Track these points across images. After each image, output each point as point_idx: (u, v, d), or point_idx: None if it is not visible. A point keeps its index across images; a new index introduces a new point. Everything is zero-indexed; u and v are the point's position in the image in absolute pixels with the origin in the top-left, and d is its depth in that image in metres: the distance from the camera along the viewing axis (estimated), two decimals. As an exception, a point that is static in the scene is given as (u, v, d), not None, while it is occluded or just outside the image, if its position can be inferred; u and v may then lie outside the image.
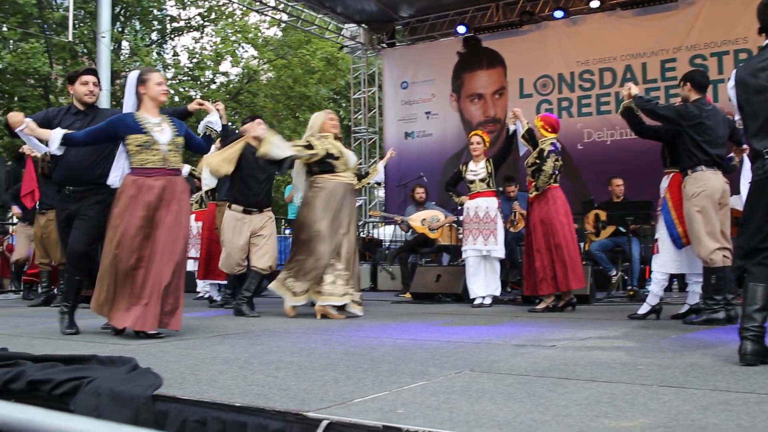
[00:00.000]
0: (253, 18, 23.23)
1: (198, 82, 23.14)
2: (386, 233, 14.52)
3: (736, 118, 5.25)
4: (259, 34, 23.81)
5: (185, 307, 4.89)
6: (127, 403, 2.59)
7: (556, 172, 6.82)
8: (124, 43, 21.42)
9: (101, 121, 4.92)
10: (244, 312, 6.39)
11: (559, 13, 12.78)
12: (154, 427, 2.49)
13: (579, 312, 6.74)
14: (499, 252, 7.44)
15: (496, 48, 13.54)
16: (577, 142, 12.37)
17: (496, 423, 2.20)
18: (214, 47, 22.80)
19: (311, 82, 23.46)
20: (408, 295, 8.97)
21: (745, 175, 5.63)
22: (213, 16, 22.93)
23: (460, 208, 7.86)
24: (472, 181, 7.53)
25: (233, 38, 22.81)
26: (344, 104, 23.23)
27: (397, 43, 15.50)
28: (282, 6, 15.04)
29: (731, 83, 3.82)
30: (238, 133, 6.91)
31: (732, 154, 5.85)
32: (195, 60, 22.90)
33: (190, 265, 8.30)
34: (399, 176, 13.42)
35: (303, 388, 2.75)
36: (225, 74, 24.24)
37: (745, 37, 10.97)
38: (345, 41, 16.02)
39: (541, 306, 6.85)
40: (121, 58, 20.66)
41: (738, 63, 10.64)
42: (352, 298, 6.30)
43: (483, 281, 7.43)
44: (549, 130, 6.92)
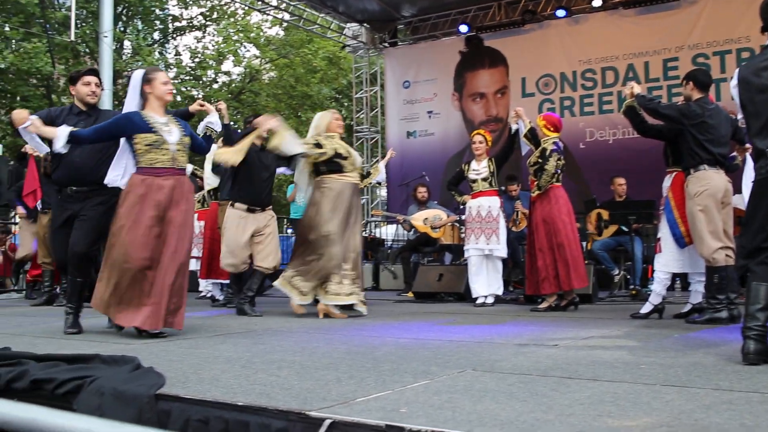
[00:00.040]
0: (255, 17, 23.26)
1: (200, 82, 23.16)
2: (388, 232, 14.54)
3: (738, 117, 5.24)
4: (261, 33, 23.81)
5: (188, 307, 4.90)
6: (130, 403, 2.60)
7: (559, 171, 6.82)
8: (126, 42, 21.44)
9: (104, 121, 4.91)
10: (247, 311, 6.39)
11: (561, 12, 12.76)
12: (157, 426, 2.50)
13: (581, 311, 6.73)
14: (502, 251, 7.44)
15: (498, 47, 13.53)
16: (580, 142, 12.37)
17: (499, 422, 2.20)
18: (216, 47, 22.81)
19: (313, 82, 23.46)
20: (410, 295, 8.97)
21: (748, 174, 5.62)
22: (215, 15, 22.94)
23: (462, 207, 7.86)
24: (474, 181, 7.53)
25: (235, 38, 22.82)
26: (346, 103, 23.22)
27: (399, 43, 15.49)
28: (284, 5, 15.04)
29: (734, 82, 3.81)
30: (248, 127, 6.83)
31: (734, 153, 5.84)
32: (197, 59, 22.92)
33: (193, 265, 8.26)
34: (401, 175, 13.43)
35: (305, 388, 2.75)
36: (227, 74, 24.28)
37: (748, 36, 10.98)
38: (347, 40, 16.04)
39: (543, 305, 6.85)
40: (123, 57, 20.66)
41: (740, 62, 10.62)
42: (358, 298, 6.31)
43: (485, 280, 7.43)
44: (551, 129, 6.92)
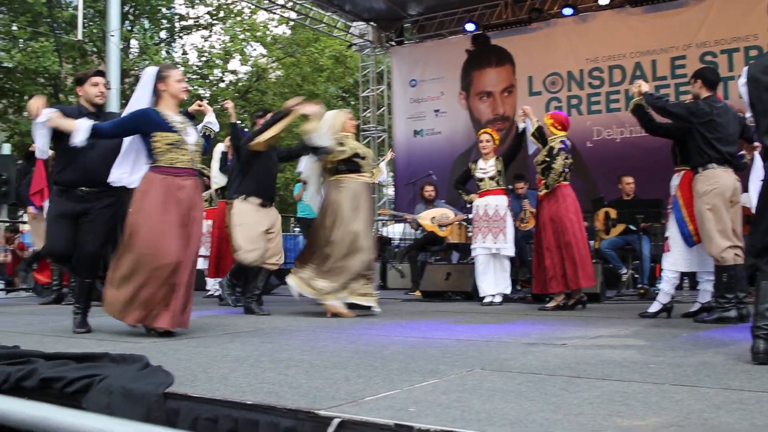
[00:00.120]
0: (261, 16, 23.25)
1: (207, 81, 23.17)
2: (395, 231, 14.52)
3: (747, 116, 5.21)
4: (267, 32, 23.80)
5: (196, 306, 4.91)
6: (138, 401, 2.60)
7: (566, 170, 6.80)
8: (133, 41, 21.45)
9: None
10: (254, 310, 6.39)
11: (568, 11, 12.70)
12: (165, 425, 2.50)
13: (589, 310, 6.72)
14: (509, 250, 7.43)
15: (505, 46, 13.49)
16: (587, 140, 12.32)
17: (508, 421, 2.20)
18: (223, 46, 22.82)
19: (320, 81, 23.47)
20: (418, 294, 8.97)
21: (755, 172, 5.60)
22: (221, 14, 22.91)
23: (470, 206, 7.85)
24: (481, 179, 7.52)
25: (242, 36, 22.80)
26: (353, 102, 23.21)
27: (406, 41, 15.46)
28: (290, 4, 15.03)
29: (742, 80, 3.80)
30: (281, 111, 6.61)
31: (743, 152, 5.82)
32: (204, 58, 22.92)
33: (200, 264, 8.29)
34: (408, 174, 13.43)
35: (314, 386, 2.76)
36: (234, 72, 24.28)
37: (756, 34, 10.93)
38: (353, 39, 16.02)
39: (551, 304, 6.84)
40: (130, 56, 20.70)
41: (748, 60, 10.58)
42: (376, 297, 6.37)
43: (493, 279, 7.43)
44: (559, 127, 6.91)
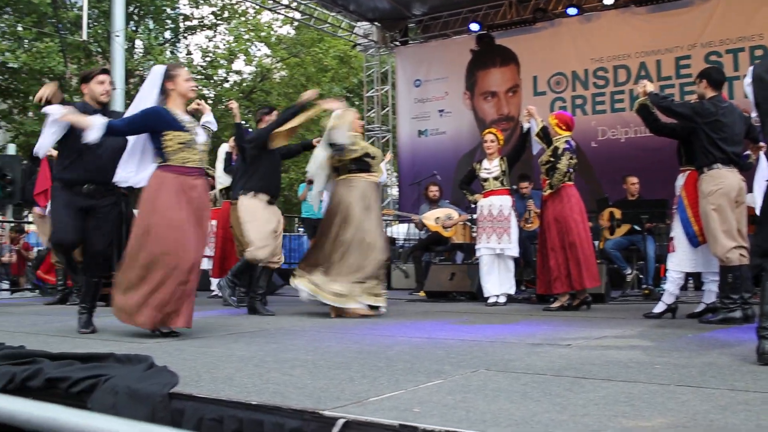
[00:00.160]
0: (266, 16, 23.25)
1: (211, 81, 23.18)
2: (400, 231, 14.54)
3: (752, 116, 5.20)
4: (272, 32, 23.80)
5: (200, 306, 4.91)
6: (143, 401, 2.61)
7: (571, 170, 6.79)
8: (138, 42, 21.48)
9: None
10: (259, 309, 6.38)
11: (572, 10, 12.68)
12: (170, 425, 2.50)
13: (594, 311, 6.71)
14: (513, 250, 7.42)
15: (510, 45, 13.49)
16: (591, 140, 12.31)
17: (513, 422, 2.19)
18: (228, 46, 22.83)
19: (324, 81, 23.47)
20: (422, 294, 8.96)
21: (760, 172, 5.59)
22: (226, 14, 22.93)
23: (474, 206, 7.85)
24: (485, 179, 7.51)
25: (246, 37, 22.81)
26: (357, 102, 23.19)
27: (410, 41, 15.47)
28: (295, 4, 15.05)
29: (748, 80, 3.79)
30: (297, 104, 6.59)
31: (748, 152, 5.80)
32: (208, 59, 22.94)
33: (205, 264, 8.29)
34: (412, 174, 13.43)
35: (319, 387, 2.76)
36: (238, 73, 24.29)
37: (761, 34, 10.92)
38: (358, 39, 16.03)
39: (555, 304, 6.83)
40: (135, 57, 20.72)
41: (753, 60, 10.55)
42: (384, 297, 6.41)
43: (497, 280, 7.42)
44: (563, 127, 6.90)
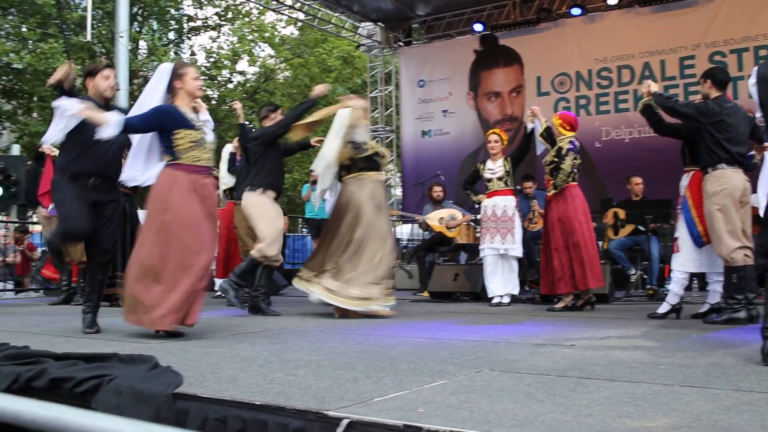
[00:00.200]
0: (269, 17, 23.28)
1: (215, 82, 23.21)
2: (403, 232, 14.52)
3: (757, 116, 5.20)
4: (275, 33, 23.83)
5: (204, 306, 4.90)
6: (147, 401, 2.61)
7: (575, 170, 6.79)
8: (142, 42, 21.52)
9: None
10: (263, 309, 6.37)
11: (576, 11, 12.64)
12: (175, 425, 2.51)
13: (598, 311, 6.70)
14: (517, 251, 7.42)
15: (513, 46, 13.46)
16: (595, 140, 12.28)
17: (517, 422, 2.19)
18: (231, 46, 22.86)
19: (328, 81, 23.40)
20: (426, 294, 8.96)
21: (765, 173, 5.57)
22: (230, 15, 22.96)
23: (478, 206, 7.84)
24: (489, 180, 7.50)
25: (250, 37, 22.84)
26: (361, 103, 23.19)
27: (414, 42, 15.46)
28: (299, 5, 15.05)
29: (753, 80, 3.79)
30: (310, 99, 6.59)
31: (753, 152, 5.79)
32: (212, 59, 22.97)
33: (209, 264, 8.27)
34: (416, 175, 13.42)
35: (323, 387, 2.76)
36: (242, 73, 24.31)
37: (765, 34, 10.89)
38: (361, 40, 16.01)
39: (559, 305, 6.82)
40: (139, 57, 20.77)
41: (758, 60, 10.53)
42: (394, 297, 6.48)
43: (501, 280, 7.41)
44: (567, 128, 6.89)
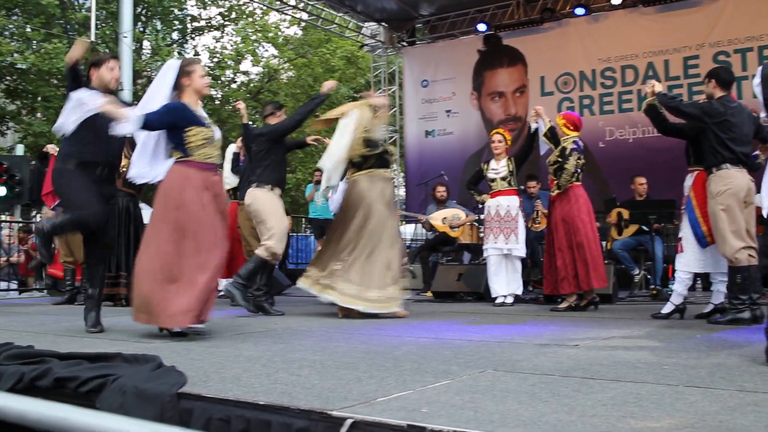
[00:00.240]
0: (273, 17, 23.29)
1: (219, 82, 23.21)
2: (407, 232, 14.51)
3: (761, 116, 5.18)
4: (279, 33, 23.84)
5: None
6: (152, 401, 2.61)
7: (579, 170, 6.78)
8: (146, 42, 21.56)
9: None
10: (267, 309, 6.37)
11: (580, 11, 12.62)
12: (179, 425, 2.51)
13: (602, 311, 6.70)
14: (521, 251, 7.41)
15: (517, 46, 13.45)
16: (599, 140, 12.26)
17: (521, 422, 2.19)
18: (235, 47, 22.87)
19: (332, 81, 23.46)
20: (429, 294, 8.96)
21: (768, 173, 5.57)
22: (233, 15, 22.98)
23: (482, 206, 7.85)
24: (493, 180, 7.50)
25: (254, 37, 22.85)
26: (364, 103, 23.19)
27: (418, 42, 15.45)
28: (302, 5, 15.05)
29: (757, 80, 3.78)
30: (320, 95, 6.59)
31: (757, 152, 5.78)
32: (216, 59, 22.97)
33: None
34: (420, 175, 13.42)
35: (326, 387, 2.76)
36: (245, 73, 24.31)
37: (770, 34, 10.87)
38: (365, 40, 16.02)
39: (563, 305, 6.82)
40: (143, 57, 20.80)
41: (762, 59, 10.51)
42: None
43: (504, 280, 7.41)
44: (571, 128, 6.89)
